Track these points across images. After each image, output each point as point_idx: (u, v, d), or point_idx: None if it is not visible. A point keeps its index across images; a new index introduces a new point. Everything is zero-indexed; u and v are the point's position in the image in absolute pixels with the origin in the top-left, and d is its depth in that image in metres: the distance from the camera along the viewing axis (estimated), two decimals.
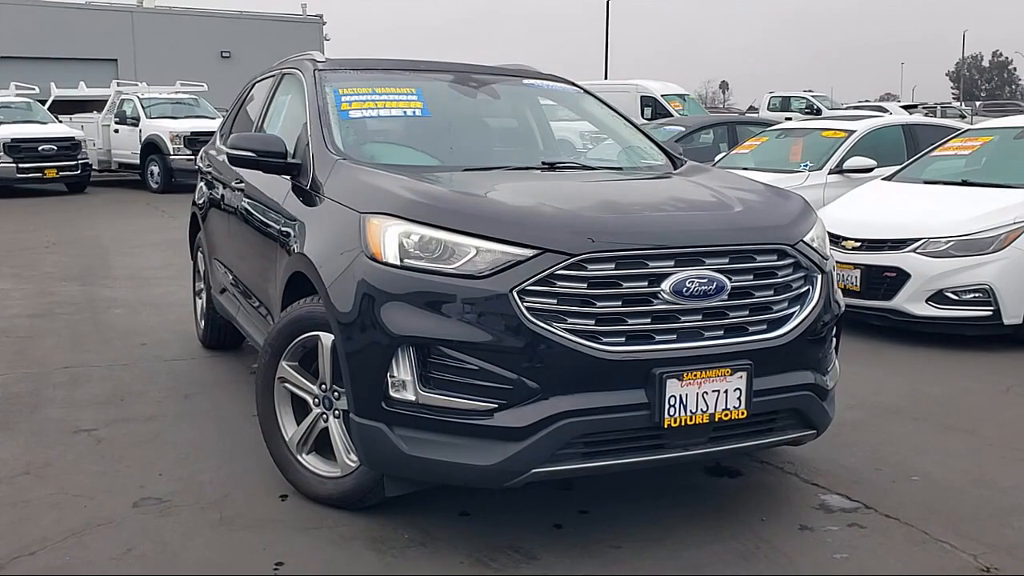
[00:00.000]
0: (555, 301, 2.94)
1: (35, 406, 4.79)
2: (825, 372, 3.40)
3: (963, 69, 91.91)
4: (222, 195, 5.16)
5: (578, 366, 2.91)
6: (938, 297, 5.98)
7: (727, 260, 3.13)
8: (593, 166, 4.14)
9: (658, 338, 3.02)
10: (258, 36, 33.94)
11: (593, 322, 2.95)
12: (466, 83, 4.60)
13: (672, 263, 3.04)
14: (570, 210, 3.17)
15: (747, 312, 3.16)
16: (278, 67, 5.14)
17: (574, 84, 4.91)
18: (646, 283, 3.01)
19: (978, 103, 47.25)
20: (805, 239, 3.35)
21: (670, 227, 3.16)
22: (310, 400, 3.53)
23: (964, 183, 6.83)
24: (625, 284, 2.99)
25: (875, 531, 3.38)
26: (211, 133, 20.11)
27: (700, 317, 3.08)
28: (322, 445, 3.53)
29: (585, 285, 2.95)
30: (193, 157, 18.08)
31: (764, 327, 3.19)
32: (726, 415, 3.07)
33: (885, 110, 27.41)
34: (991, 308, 5.91)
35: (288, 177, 4.01)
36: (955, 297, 5.97)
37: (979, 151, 7.36)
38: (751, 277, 3.17)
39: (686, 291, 3.02)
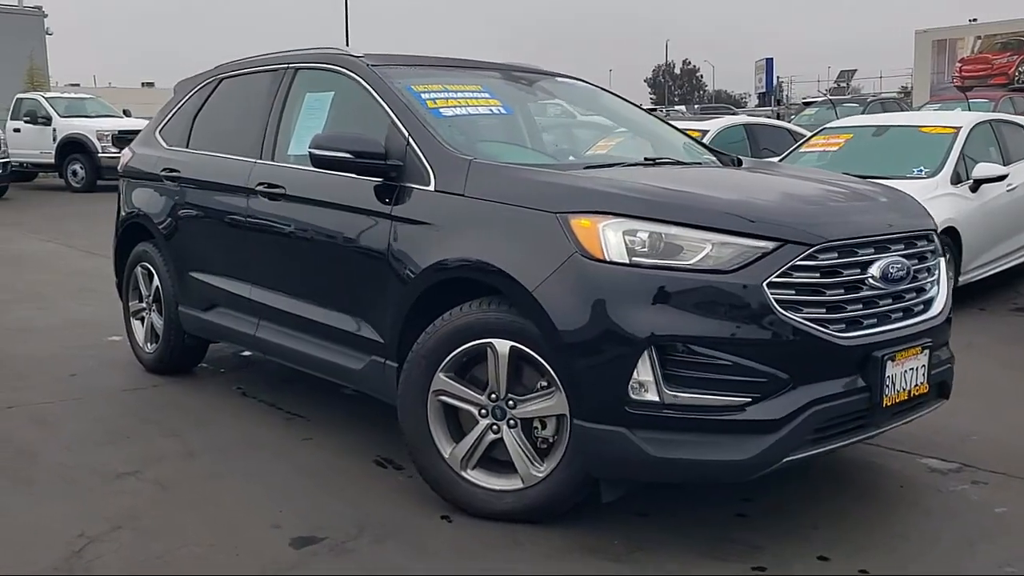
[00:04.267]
0: (793, 292, 2.99)
1: (32, 454, 4.10)
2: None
3: (659, 75, 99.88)
4: (221, 203, 4.66)
5: (821, 354, 3.00)
6: None
7: (903, 246, 3.34)
8: (685, 161, 4.20)
9: (866, 323, 3.16)
10: None
11: (824, 310, 3.04)
12: (517, 80, 4.50)
13: (872, 251, 3.20)
14: (787, 204, 3.24)
15: (915, 294, 3.39)
16: (271, 64, 4.74)
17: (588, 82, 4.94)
18: (858, 270, 3.15)
19: (696, 106, 51.54)
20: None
21: (867, 217, 3.31)
22: (475, 412, 3.33)
23: (846, 175, 7.51)
24: (845, 272, 3.10)
25: (996, 485, 3.73)
26: (138, 132, 18.09)
27: (890, 301, 3.26)
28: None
29: (818, 274, 3.03)
30: (120, 155, 17.33)
31: (922, 307, 3.43)
32: (916, 391, 3.28)
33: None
34: None
35: (377, 180, 3.74)
36: None
37: (845, 147, 8.15)
38: (916, 261, 3.40)
39: (889, 276, 3.19)
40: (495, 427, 3.30)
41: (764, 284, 2.93)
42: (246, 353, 5.81)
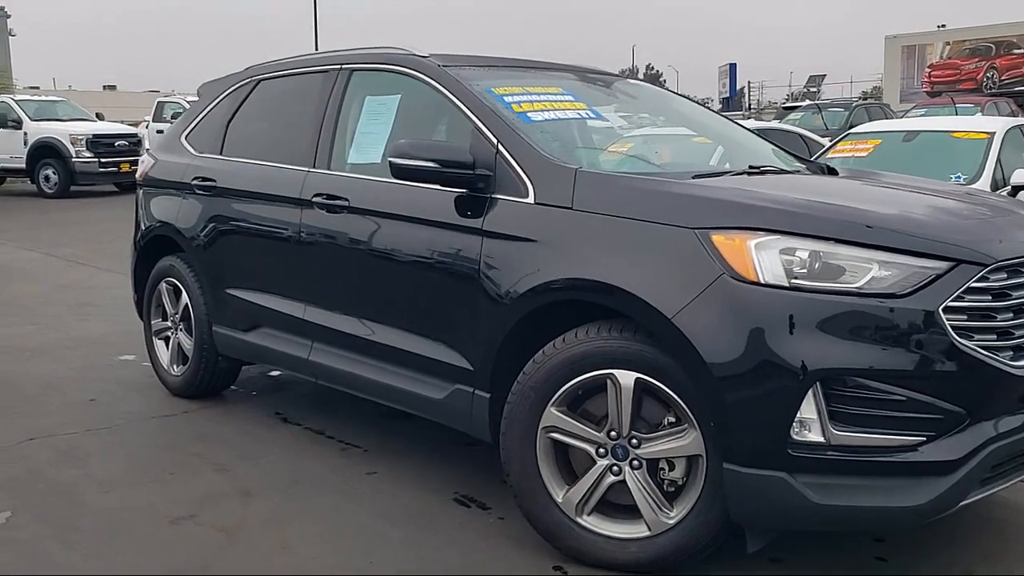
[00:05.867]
0: (965, 317, 2.68)
1: (68, 495, 3.68)
2: None
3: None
4: (267, 215, 4.27)
5: (997, 385, 2.69)
6: None
7: None
8: (788, 169, 3.88)
9: None
10: None
11: (995, 337, 2.74)
12: (593, 82, 4.18)
13: None
14: (948, 220, 2.94)
15: None
16: (319, 65, 4.36)
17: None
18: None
19: None
20: None
21: (1017, 233, 3.01)
22: (592, 451, 2.99)
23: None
24: (1014, 294, 2.80)
25: None
26: (114, 136, 18.05)
27: None
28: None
29: (989, 297, 2.73)
30: (95, 160, 17.09)
31: None
32: None
33: None
34: None
35: (459, 191, 3.39)
36: None
37: (875, 152, 7.92)
38: None
39: None
40: (615, 468, 2.96)
41: (940, 309, 2.62)
42: (275, 373, 5.42)
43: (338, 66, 4.23)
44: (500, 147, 3.37)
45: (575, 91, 3.93)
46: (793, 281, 2.65)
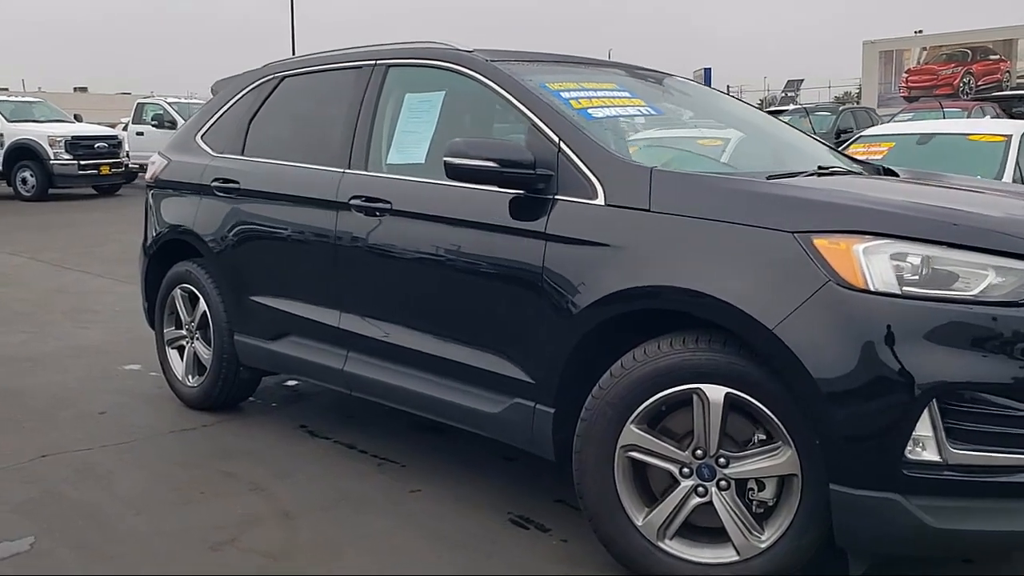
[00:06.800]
0: None
1: (95, 518, 3.43)
2: None
3: None
4: (299, 218, 4.04)
5: None
6: None
7: None
8: (854, 170, 3.71)
9: None
10: None
11: None
12: (644, 79, 3.99)
13: None
14: None
15: None
16: (350, 60, 4.14)
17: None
18: None
19: None
20: None
21: None
22: (675, 471, 2.80)
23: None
24: None
25: None
26: (93, 138, 17.85)
27: None
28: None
29: None
30: (74, 162, 16.70)
31: None
32: None
33: None
34: None
35: (515, 193, 3.20)
36: None
37: (889, 155, 7.80)
38: None
39: None
40: (701, 489, 2.77)
41: None
42: (292, 383, 5.19)
43: (372, 62, 4.01)
44: (562, 145, 3.17)
45: (630, 87, 3.74)
46: (905, 289, 2.47)
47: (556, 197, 3.13)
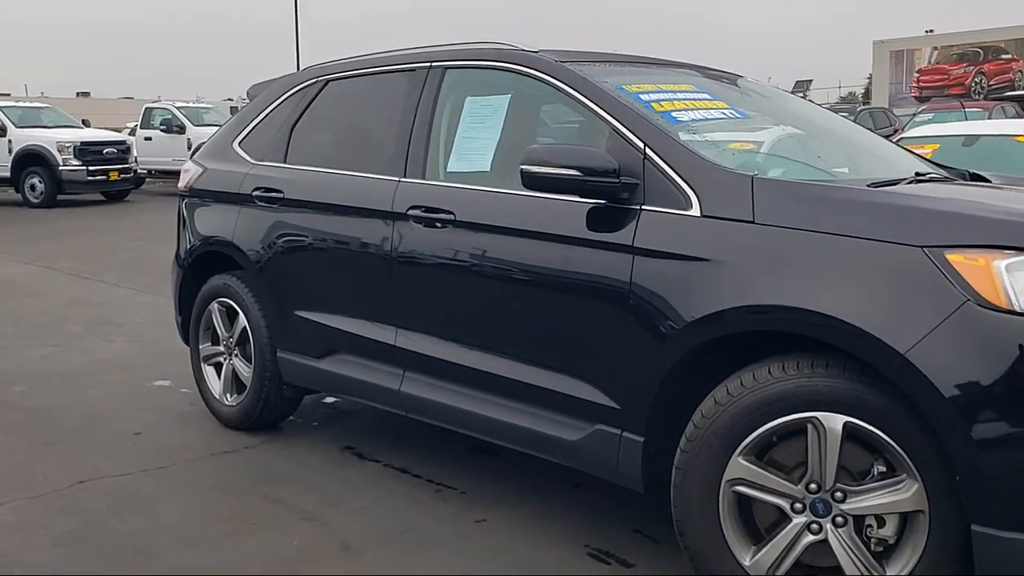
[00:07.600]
0: None
1: (143, 550, 3.20)
2: None
3: None
4: (350, 229, 3.81)
5: None
6: None
7: None
8: (952, 177, 3.48)
9: None
10: None
11: None
12: (719, 80, 3.76)
13: None
14: None
15: None
16: (402, 63, 3.92)
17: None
18: None
19: None
20: None
21: None
22: (786, 506, 2.57)
23: None
24: None
25: None
26: (102, 143, 17.70)
27: None
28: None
29: None
30: (83, 168, 16.43)
31: None
32: None
33: None
34: None
35: (594, 203, 2.98)
36: None
37: (934, 157, 7.55)
38: None
39: None
40: (815, 525, 2.54)
41: None
42: (329, 399, 4.96)
43: (427, 64, 3.78)
44: (648, 152, 2.94)
45: (709, 89, 3.52)
46: None
47: (643, 207, 2.90)
